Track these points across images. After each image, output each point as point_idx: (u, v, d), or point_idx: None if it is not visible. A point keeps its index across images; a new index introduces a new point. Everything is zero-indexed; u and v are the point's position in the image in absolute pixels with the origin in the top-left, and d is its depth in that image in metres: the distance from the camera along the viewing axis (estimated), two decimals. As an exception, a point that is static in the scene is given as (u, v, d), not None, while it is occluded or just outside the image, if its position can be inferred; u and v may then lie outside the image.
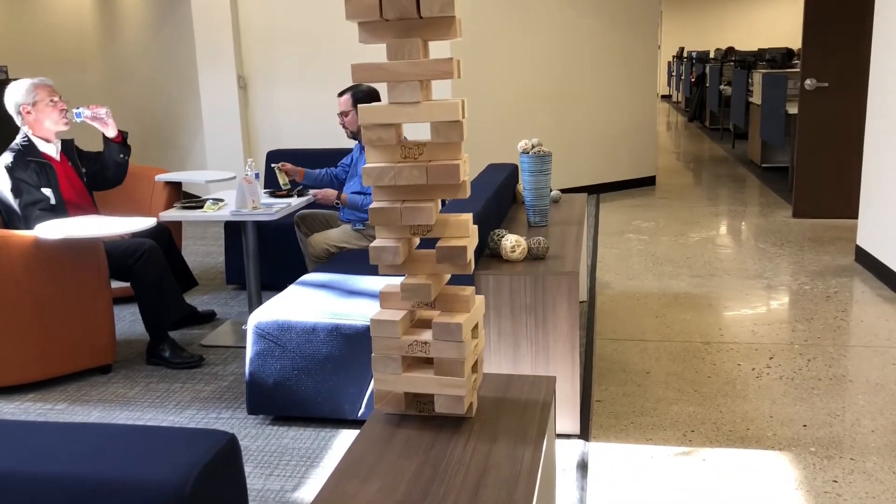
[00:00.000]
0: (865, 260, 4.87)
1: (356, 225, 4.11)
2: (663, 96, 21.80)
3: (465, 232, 1.66)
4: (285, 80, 6.71)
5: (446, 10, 1.51)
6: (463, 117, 1.62)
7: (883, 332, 3.82)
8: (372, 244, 1.63)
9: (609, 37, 7.42)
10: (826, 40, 5.87)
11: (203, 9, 6.62)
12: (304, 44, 6.66)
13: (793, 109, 6.95)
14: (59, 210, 3.66)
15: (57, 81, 11.61)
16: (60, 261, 3.41)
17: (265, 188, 4.45)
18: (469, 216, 1.67)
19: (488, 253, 3.10)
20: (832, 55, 5.88)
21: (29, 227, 3.51)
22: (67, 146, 3.92)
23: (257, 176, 3.90)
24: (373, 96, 4.17)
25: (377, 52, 6.33)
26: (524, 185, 3.64)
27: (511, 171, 4.25)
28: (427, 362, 1.75)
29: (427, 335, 1.66)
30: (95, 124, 3.89)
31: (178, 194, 4.81)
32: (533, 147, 3.64)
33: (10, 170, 3.60)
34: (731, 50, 14.48)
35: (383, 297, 1.71)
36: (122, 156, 4.00)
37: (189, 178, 4.68)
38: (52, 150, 3.78)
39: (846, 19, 5.81)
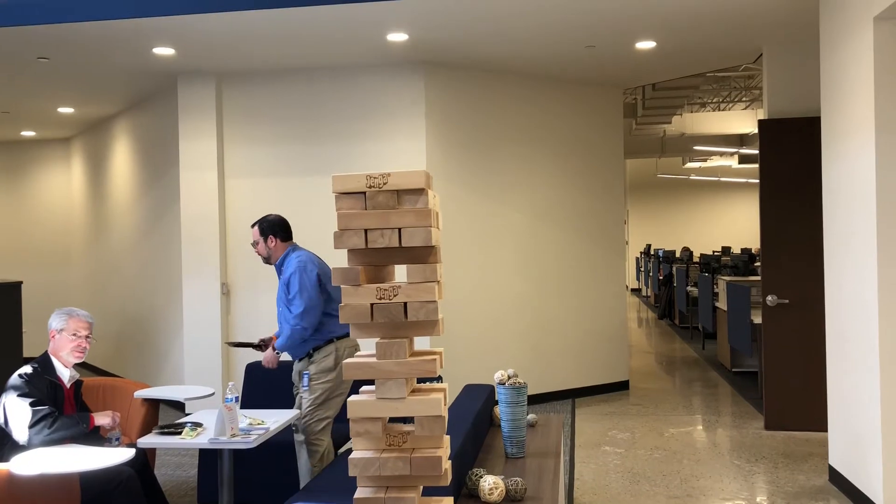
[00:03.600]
0: (839, 481, 4.90)
1: (303, 368, 4.43)
2: (633, 290, 22.45)
3: (446, 519, 1.72)
4: (267, 288, 6.90)
5: (431, 316, 1.66)
6: (444, 406, 1.73)
7: (862, 566, 3.79)
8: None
9: (576, 243, 7.79)
10: (783, 260, 6.22)
11: (192, 218, 6.92)
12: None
13: (757, 319, 7.21)
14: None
15: (40, 277, 11.59)
16: (32, 496, 3.35)
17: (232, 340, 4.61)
18: (450, 501, 1.74)
19: (465, 493, 3.11)
20: (790, 273, 6.21)
21: (34, 431, 3.69)
22: (77, 383, 4.13)
23: (237, 400, 3.94)
24: (279, 224, 4.48)
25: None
26: (501, 415, 3.71)
27: (488, 395, 4.33)
28: None
29: None
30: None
31: (157, 409, 4.83)
32: (509, 378, 3.75)
33: (26, 379, 3.82)
34: (688, 250, 15.32)
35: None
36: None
37: (168, 394, 4.77)
38: (66, 375, 4.02)
39: (800, 240, 6.18)
